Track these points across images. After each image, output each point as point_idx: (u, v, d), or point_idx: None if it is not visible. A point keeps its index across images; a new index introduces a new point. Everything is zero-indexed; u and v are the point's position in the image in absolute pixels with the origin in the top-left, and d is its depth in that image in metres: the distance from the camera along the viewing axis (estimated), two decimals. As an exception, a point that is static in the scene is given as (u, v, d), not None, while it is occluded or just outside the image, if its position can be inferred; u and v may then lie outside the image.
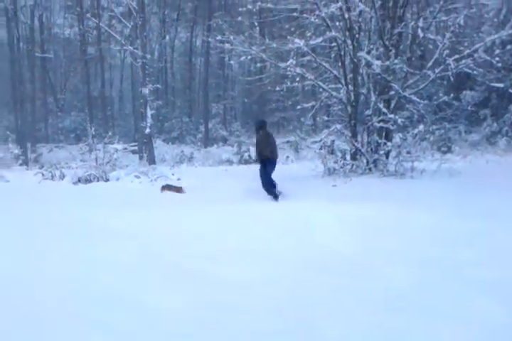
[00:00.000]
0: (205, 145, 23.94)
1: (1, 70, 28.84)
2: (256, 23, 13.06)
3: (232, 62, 16.65)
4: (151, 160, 17.55)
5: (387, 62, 9.99)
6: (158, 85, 20.97)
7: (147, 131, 17.90)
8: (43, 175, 11.39)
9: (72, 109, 28.92)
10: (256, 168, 8.32)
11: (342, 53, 10.76)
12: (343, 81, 10.73)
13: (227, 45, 12.90)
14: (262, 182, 7.50)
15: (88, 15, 24.98)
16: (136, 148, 20.90)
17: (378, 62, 10.02)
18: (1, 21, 25.94)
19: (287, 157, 16.72)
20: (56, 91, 30.32)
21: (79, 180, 10.76)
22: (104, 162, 11.72)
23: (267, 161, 7.56)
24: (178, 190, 8.37)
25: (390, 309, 2.92)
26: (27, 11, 26.88)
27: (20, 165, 16.26)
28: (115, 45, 26.32)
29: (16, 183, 10.24)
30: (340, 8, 10.07)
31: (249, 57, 11.57)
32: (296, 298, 3.15)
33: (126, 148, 19.65)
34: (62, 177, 11.25)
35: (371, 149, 10.32)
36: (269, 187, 7.46)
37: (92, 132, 12.60)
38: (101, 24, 24.74)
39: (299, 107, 12.84)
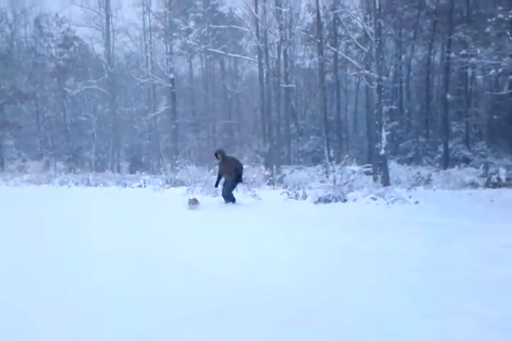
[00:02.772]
0: (444, 166, 22.42)
1: (252, 101, 33.34)
2: (508, 33, 11.80)
3: (478, 76, 15.34)
4: (386, 182, 17.39)
5: None
6: (393, 106, 20.81)
7: (382, 152, 17.88)
8: (288, 194, 12.49)
9: (311, 133, 31.14)
10: (508, 192, 7.38)
11: None
12: None
13: (472, 59, 12.00)
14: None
15: (327, 44, 26.67)
16: (370, 169, 21.09)
17: None
18: (253, 59, 30.08)
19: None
20: (297, 117, 33.21)
21: (319, 200, 11.40)
22: (342, 183, 12.17)
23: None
24: None
25: None
26: (274, 48, 30.41)
27: (268, 184, 18.19)
28: (351, 71, 27.36)
29: (266, 201, 11.50)
30: None
31: (500, 70, 10.53)
32: None
33: (360, 170, 20.00)
34: (305, 196, 12.11)
35: None
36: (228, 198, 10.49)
37: (330, 154, 13.26)
38: (338, 52, 26.08)
39: None
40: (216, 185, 10.99)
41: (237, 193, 13.59)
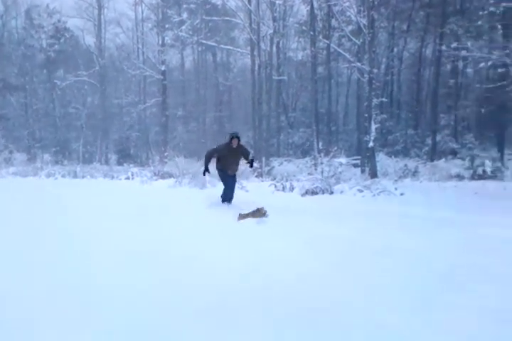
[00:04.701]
0: (431, 158, 22.53)
1: (244, 93, 33.22)
2: (499, 26, 11.82)
3: (468, 69, 15.37)
4: (373, 174, 17.44)
5: None
6: (383, 99, 20.82)
7: (370, 144, 17.90)
8: (275, 186, 12.51)
9: (301, 126, 31.10)
10: (492, 184, 7.40)
11: None
12: None
13: (463, 52, 12.03)
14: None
15: (320, 37, 26.56)
16: (358, 161, 21.14)
17: None
18: (246, 51, 29.93)
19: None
20: (288, 109, 33.14)
21: (306, 192, 11.42)
22: (330, 175, 12.20)
23: None
24: None
25: None
26: (267, 39, 30.19)
27: (256, 177, 18.19)
28: (343, 63, 27.32)
29: (254, 193, 11.49)
30: None
31: (489, 63, 10.55)
32: None
33: (348, 162, 20.04)
34: (292, 189, 12.13)
35: None
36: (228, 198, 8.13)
37: (319, 147, 13.26)
38: (331, 44, 25.99)
39: (551, 116, 10.99)
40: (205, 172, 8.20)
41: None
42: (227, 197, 8.05)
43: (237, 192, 8.75)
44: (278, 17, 29.64)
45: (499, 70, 12.59)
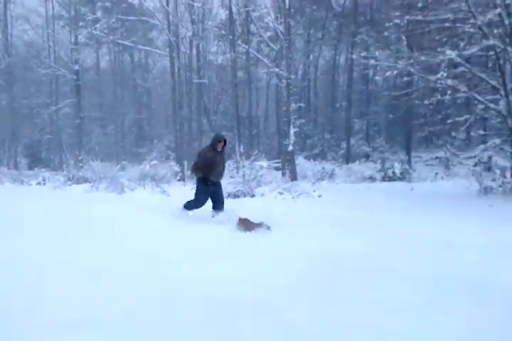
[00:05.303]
0: (346, 161, 23.74)
1: (164, 96, 32.69)
2: (403, 37, 12.71)
3: (377, 77, 16.37)
4: (293, 177, 17.97)
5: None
6: (301, 104, 21.56)
7: (290, 148, 18.44)
8: (197, 190, 12.41)
9: (223, 129, 31.20)
10: (400, 185, 7.96)
11: (501, 62, 9.84)
12: (502, 92, 9.79)
13: (372, 61, 12.75)
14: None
15: (239, 41, 26.90)
16: (279, 164, 21.69)
17: (546, 69, 8.91)
18: (165, 53, 29.48)
19: (436, 173, 15.70)
20: (209, 113, 33.13)
21: (228, 195, 11.47)
22: (251, 178, 12.38)
23: None
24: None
25: None
26: (186, 42, 29.95)
27: (178, 180, 17.98)
28: (262, 68, 27.89)
29: (175, 197, 11.32)
30: (500, 14, 9.24)
31: (395, 71, 11.30)
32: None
33: (270, 165, 20.48)
34: (214, 192, 12.12)
35: (538, 167, 9.17)
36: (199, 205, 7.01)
37: (240, 150, 13.41)
38: (250, 49, 26.42)
39: (450, 121, 12.05)
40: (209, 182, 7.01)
41: (145, 190, 13.33)
42: (221, 205, 7.03)
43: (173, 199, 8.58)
44: (197, 19, 29.57)
45: (405, 79, 13.51)
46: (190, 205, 7.06)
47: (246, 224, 6.00)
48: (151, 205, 8.51)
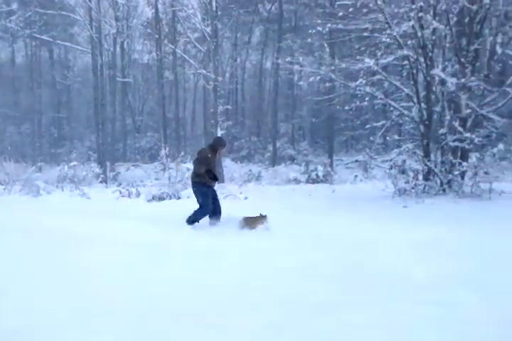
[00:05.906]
0: (272, 164, 24.16)
1: (85, 94, 31.28)
2: (326, 44, 13.19)
3: (301, 82, 16.84)
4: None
5: (463, 80, 9.63)
6: (228, 106, 21.64)
7: (217, 150, 18.42)
8: (120, 192, 12.03)
9: (149, 130, 30.55)
10: (323, 187, 8.24)
11: (414, 71, 10.56)
12: (415, 99, 10.49)
13: (296, 66, 13.09)
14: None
15: (165, 41, 26.45)
16: (206, 166, 21.57)
17: (453, 80, 9.69)
18: (86, 49, 28.29)
19: (356, 176, 16.44)
20: (134, 113, 32.22)
21: (153, 198, 11.23)
22: (177, 180, 12.21)
23: None
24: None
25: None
26: (110, 39, 28.93)
27: (100, 182, 17.27)
28: (189, 69, 27.63)
29: (96, 200, 10.87)
30: (413, 27, 9.91)
31: (318, 77, 11.69)
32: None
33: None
34: (138, 194, 11.81)
35: (445, 169, 9.93)
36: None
37: (166, 152, 13.17)
38: (177, 49, 26.07)
39: (368, 126, 12.68)
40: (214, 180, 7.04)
41: (64, 192, 12.66)
42: (203, 213, 6.69)
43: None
44: (121, 17, 28.74)
45: (327, 84, 14.00)
46: (196, 216, 6.66)
47: (252, 223, 6.19)
48: (67, 208, 8.09)
